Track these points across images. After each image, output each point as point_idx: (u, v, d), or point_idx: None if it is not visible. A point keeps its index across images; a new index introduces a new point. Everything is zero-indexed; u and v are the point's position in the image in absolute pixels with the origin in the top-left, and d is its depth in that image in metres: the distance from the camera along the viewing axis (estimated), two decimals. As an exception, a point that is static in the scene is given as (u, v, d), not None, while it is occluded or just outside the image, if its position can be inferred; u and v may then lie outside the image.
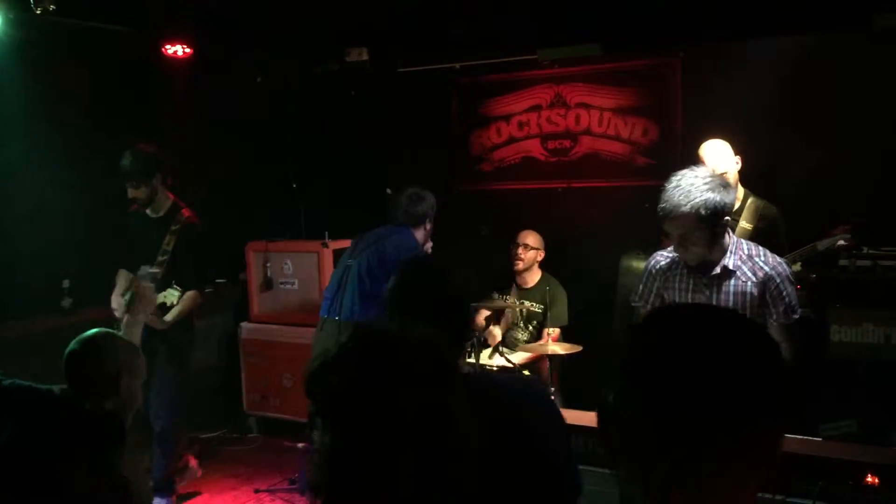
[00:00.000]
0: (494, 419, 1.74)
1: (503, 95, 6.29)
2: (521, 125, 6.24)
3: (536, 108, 6.16)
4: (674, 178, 2.95)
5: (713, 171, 4.07)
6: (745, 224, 4.23)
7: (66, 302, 5.17)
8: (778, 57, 4.88)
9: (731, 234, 3.05)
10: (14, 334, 4.75)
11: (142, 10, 5.02)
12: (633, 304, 3.37)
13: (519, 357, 5.10)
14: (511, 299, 5.30)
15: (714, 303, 3.01)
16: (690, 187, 2.87)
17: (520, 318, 5.36)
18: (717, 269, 3.01)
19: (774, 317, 2.96)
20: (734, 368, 1.08)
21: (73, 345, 2.64)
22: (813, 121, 4.84)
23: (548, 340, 4.75)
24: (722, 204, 2.87)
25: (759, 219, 4.19)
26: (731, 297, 3.01)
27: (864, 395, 3.84)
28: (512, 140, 6.29)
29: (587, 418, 3.33)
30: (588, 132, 5.99)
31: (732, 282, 3.01)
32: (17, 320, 4.89)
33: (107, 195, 4.78)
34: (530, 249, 5.31)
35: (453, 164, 6.53)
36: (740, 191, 4.25)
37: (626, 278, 5.44)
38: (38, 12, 4.01)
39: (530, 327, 5.33)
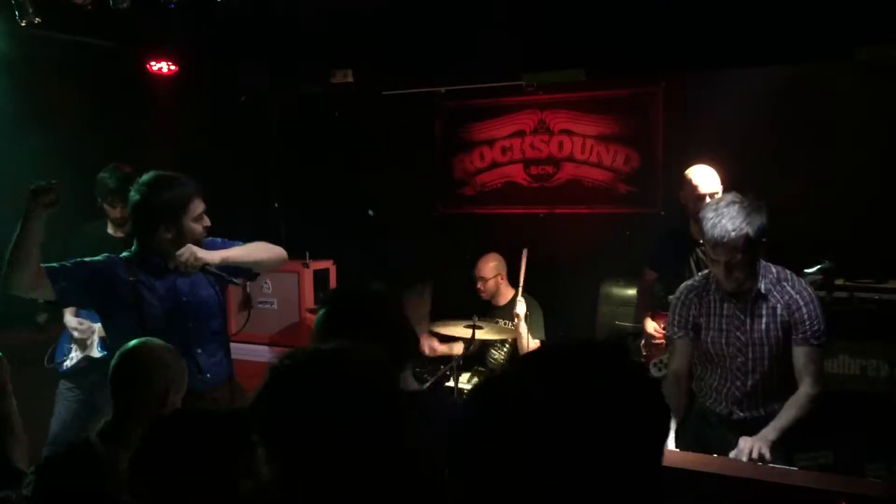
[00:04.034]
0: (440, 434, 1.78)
1: (487, 120, 6.31)
2: (504, 150, 6.26)
3: (520, 134, 6.19)
4: (713, 206, 3.04)
5: (703, 194, 4.15)
6: None
7: (41, 317, 5.11)
8: (759, 87, 4.94)
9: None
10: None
11: (127, 27, 5.01)
12: (673, 337, 3.37)
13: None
14: (486, 320, 5.31)
15: (749, 328, 3.12)
16: (736, 213, 2.94)
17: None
18: (753, 294, 3.09)
19: (800, 338, 3.06)
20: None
21: (119, 359, 2.55)
22: (793, 151, 4.89)
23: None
24: (765, 226, 2.98)
25: None
26: (765, 321, 3.10)
27: (841, 426, 3.85)
28: (495, 165, 6.31)
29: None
30: (571, 159, 6.02)
31: (766, 305, 3.09)
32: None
33: (87, 209, 4.75)
34: (488, 280, 5.34)
35: (436, 188, 6.54)
36: None
37: (607, 305, 5.47)
38: (23, 24, 3.99)
39: (507, 345, 5.31)
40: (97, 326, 4.44)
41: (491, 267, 5.35)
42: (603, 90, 5.85)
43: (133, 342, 2.67)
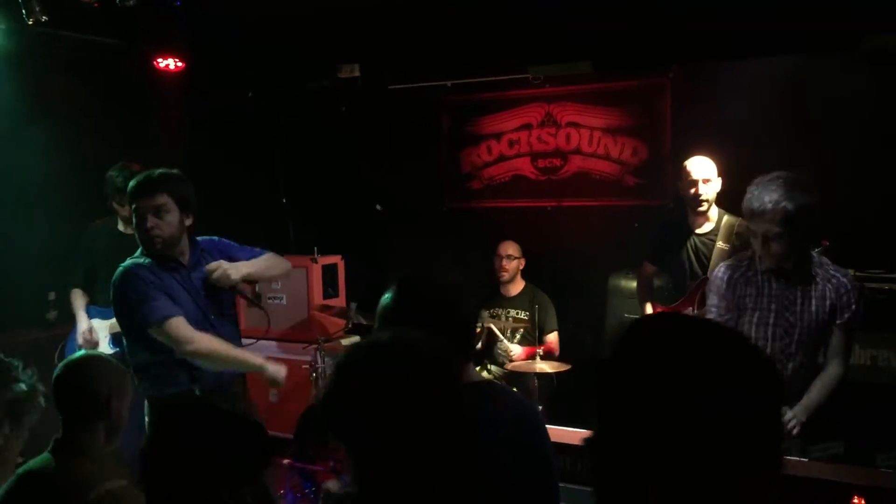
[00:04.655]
0: (509, 424, 1.78)
1: (494, 114, 6.31)
2: (511, 143, 6.26)
3: (527, 127, 6.18)
4: (757, 180, 3.02)
5: (696, 179, 4.16)
6: (721, 244, 4.23)
7: (52, 314, 5.13)
8: (766, 78, 4.92)
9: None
10: (-1, 347, 4.70)
11: (134, 24, 5.02)
12: (720, 320, 3.25)
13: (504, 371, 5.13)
14: (497, 311, 5.33)
15: (799, 308, 3.08)
16: (777, 187, 2.93)
17: (506, 329, 5.35)
18: (802, 275, 3.06)
19: (845, 320, 3.04)
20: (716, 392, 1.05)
21: (60, 369, 2.58)
22: (801, 140, 4.86)
23: (537, 357, 4.77)
24: (809, 204, 2.92)
25: (736, 237, 4.20)
26: (815, 303, 3.07)
27: (851, 417, 3.85)
28: (502, 158, 6.31)
29: (572, 436, 3.32)
30: (578, 151, 6.01)
31: (815, 287, 3.06)
32: (1, 333, 4.84)
33: (95, 207, 4.77)
34: (513, 259, 5.37)
35: (443, 182, 6.54)
36: (715, 211, 4.27)
37: (615, 298, 5.47)
38: (31, 23, 4.00)
39: (517, 336, 5.32)
40: (108, 323, 4.46)
41: (514, 247, 5.40)
42: (610, 82, 5.83)
43: (74, 354, 2.74)
